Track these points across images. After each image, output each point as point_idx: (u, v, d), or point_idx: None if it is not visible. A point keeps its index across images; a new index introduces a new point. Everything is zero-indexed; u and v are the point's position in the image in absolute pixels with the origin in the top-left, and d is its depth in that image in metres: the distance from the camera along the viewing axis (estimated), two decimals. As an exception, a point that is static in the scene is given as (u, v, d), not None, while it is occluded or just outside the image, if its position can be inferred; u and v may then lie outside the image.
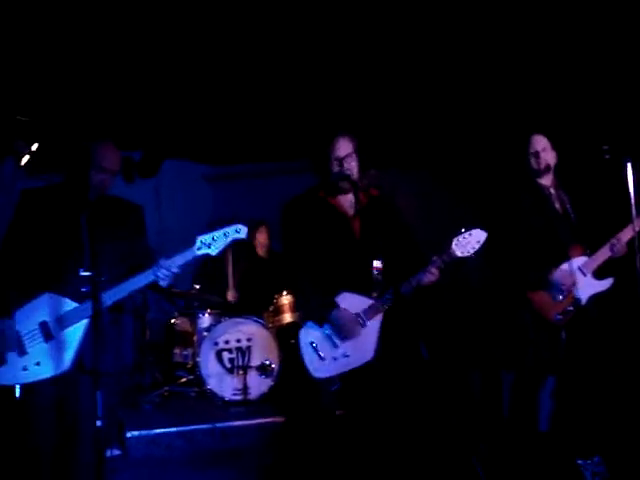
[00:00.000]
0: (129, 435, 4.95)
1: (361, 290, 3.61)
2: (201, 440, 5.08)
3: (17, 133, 5.19)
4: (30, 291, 3.24)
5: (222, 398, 5.65)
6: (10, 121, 5.12)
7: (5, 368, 3.14)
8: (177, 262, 3.34)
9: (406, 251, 3.76)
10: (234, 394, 5.65)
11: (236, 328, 5.83)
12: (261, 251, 6.79)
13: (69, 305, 3.25)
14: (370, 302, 3.60)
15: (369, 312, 3.60)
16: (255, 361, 5.74)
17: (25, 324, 3.20)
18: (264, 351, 5.74)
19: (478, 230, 3.58)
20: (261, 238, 6.70)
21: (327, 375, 3.55)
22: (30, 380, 3.18)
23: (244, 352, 5.75)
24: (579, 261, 4.06)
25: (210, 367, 5.73)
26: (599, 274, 4.05)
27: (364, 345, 3.58)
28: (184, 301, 6.42)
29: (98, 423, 2.76)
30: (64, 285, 3.28)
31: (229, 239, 3.36)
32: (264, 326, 5.87)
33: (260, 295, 6.33)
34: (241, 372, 5.62)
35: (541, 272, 4.03)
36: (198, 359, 5.77)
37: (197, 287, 6.22)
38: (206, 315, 6.15)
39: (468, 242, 3.56)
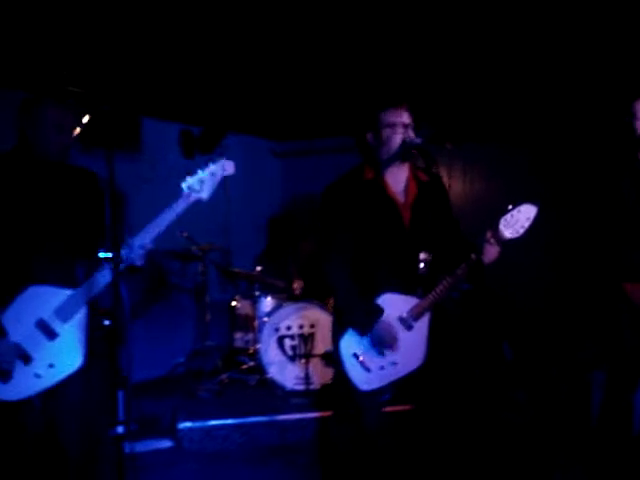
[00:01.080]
0: (181, 426, 4.67)
1: (405, 286, 3.18)
2: (258, 433, 4.79)
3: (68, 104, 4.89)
4: (7, 288, 2.85)
5: (283, 388, 5.31)
6: (61, 92, 4.82)
7: (14, 382, 2.80)
8: (139, 239, 2.92)
9: (455, 242, 3.31)
10: (296, 384, 5.30)
11: (299, 313, 5.46)
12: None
13: (61, 293, 2.87)
14: (415, 301, 3.17)
15: (415, 312, 3.17)
16: (318, 349, 5.37)
17: (18, 329, 2.82)
18: (328, 339, 5.31)
19: (527, 205, 3.06)
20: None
21: (375, 387, 3.17)
22: (47, 385, 2.84)
23: (307, 339, 5.38)
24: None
25: (271, 354, 5.39)
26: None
27: (413, 350, 3.18)
28: (246, 283, 6.08)
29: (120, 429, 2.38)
30: (45, 271, 2.90)
31: (218, 178, 2.99)
32: (329, 312, 5.45)
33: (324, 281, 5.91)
34: (303, 360, 5.23)
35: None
36: (258, 345, 5.43)
37: (259, 269, 5.87)
38: (268, 299, 5.80)
39: (517, 220, 3.06)
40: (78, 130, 5.10)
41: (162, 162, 6.28)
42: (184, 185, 2.93)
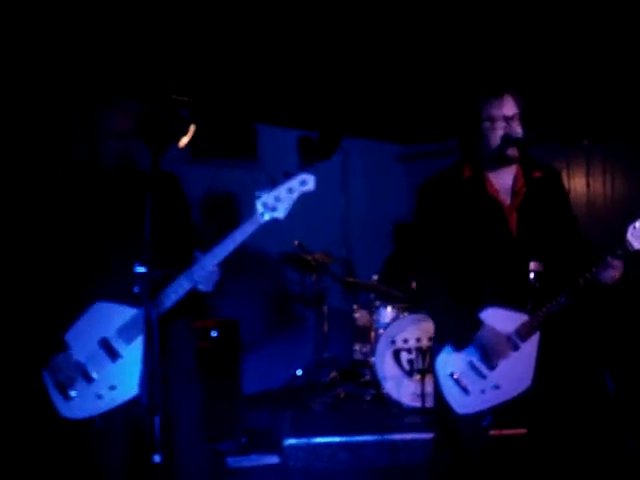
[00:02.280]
0: (287, 443, 4.48)
1: (513, 301, 2.77)
2: (368, 453, 4.51)
3: (175, 114, 4.88)
4: (75, 303, 2.75)
5: (399, 404, 5.00)
6: (167, 101, 4.82)
7: (76, 401, 2.71)
8: (211, 259, 2.66)
9: (573, 249, 2.86)
10: (412, 400, 4.97)
11: (417, 325, 5.13)
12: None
13: (127, 312, 2.71)
14: (524, 318, 2.76)
15: (523, 331, 2.76)
16: (437, 364, 4.98)
17: (82, 348, 2.71)
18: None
19: None
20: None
21: (474, 411, 2.78)
22: (110, 407, 2.70)
23: (424, 353, 5.02)
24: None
25: (386, 368, 5.11)
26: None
27: (518, 372, 2.76)
28: (365, 293, 5.83)
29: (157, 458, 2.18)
30: (112, 287, 2.75)
31: (295, 195, 2.66)
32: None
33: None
34: (419, 376, 4.89)
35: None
36: (373, 358, 5.15)
37: (375, 278, 5.61)
38: (388, 309, 5.51)
39: None
40: (187, 138, 5.14)
41: (279, 170, 6.15)
42: (258, 203, 2.66)
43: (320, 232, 6.29)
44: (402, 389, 5.04)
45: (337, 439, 4.51)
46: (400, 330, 5.14)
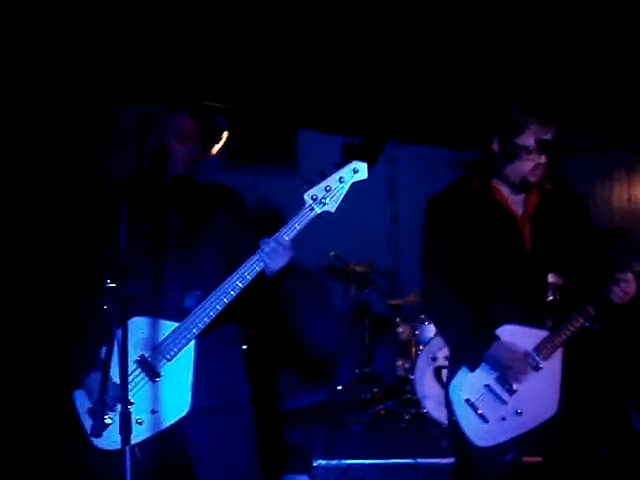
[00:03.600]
0: (316, 463, 4.27)
1: (530, 316, 2.51)
2: (400, 477, 4.25)
3: (207, 120, 4.77)
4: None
5: (440, 424, 4.72)
6: (199, 107, 4.72)
7: (112, 428, 2.36)
8: (286, 233, 2.45)
9: (593, 261, 2.60)
10: (453, 421, 4.66)
11: (459, 341, 4.83)
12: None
13: (165, 327, 2.49)
14: (543, 334, 2.49)
15: (543, 349, 2.48)
16: (478, 383, 4.69)
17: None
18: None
19: None
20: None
21: (494, 443, 2.49)
22: (151, 434, 2.44)
23: (466, 371, 4.72)
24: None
25: (427, 387, 4.86)
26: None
27: (542, 396, 2.47)
28: (408, 306, 5.58)
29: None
30: (152, 301, 2.56)
31: (347, 185, 2.46)
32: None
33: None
34: (459, 396, 4.60)
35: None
36: (413, 376, 4.90)
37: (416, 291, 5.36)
38: (431, 324, 5.23)
39: None
40: (220, 145, 5.02)
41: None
42: (306, 196, 2.46)
43: (365, 242, 6.09)
44: (442, 409, 4.72)
45: (369, 461, 4.28)
46: (442, 346, 4.85)
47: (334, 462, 4.28)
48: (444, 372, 4.82)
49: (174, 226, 2.67)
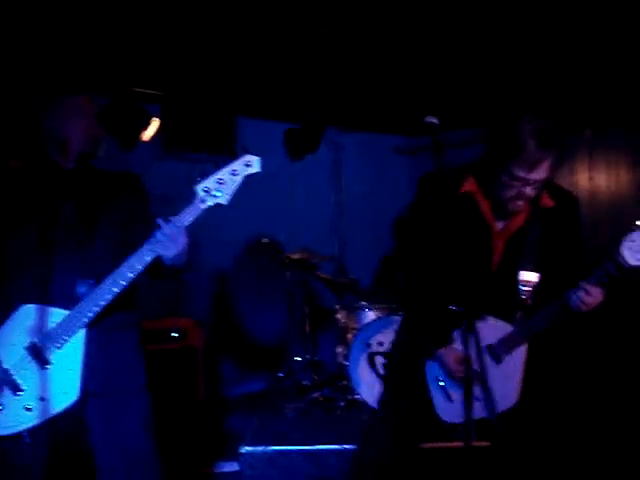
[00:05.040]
0: (243, 450, 4.27)
1: (500, 310, 2.60)
2: (328, 464, 4.24)
3: (135, 107, 4.71)
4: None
5: (373, 410, 4.71)
6: (130, 94, 4.66)
7: (2, 414, 2.45)
8: (180, 224, 2.45)
9: (569, 264, 2.63)
10: (385, 407, 4.67)
11: (393, 327, 4.81)
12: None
13: (56, 315, 2.49)
14: (508, 329, 2.57)
15: (507, 343, 2.58)
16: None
17: (8, 353, 2.47)
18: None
19: None
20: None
21: (457, 421, 2.59)
22: (39, 421, 2.45)
23: (399, 357, 4.73)
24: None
25: (361, 373, 4.84)
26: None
27: (503, 387, 2.55)
28: (351, 293, 5.57)
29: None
30: (43, 289, 2.54)
31: (240, 178, 2.48)
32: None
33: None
34: (392, 382, 4.62)
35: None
36: (347, 362, 4.90)
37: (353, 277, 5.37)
38: (370, 311, 5.22)
39: None
40: (150, 132, 4.97)
41: (262, 164, 5.96)
42: (198, 188, 2.46)
43: (309, 228, 6.07)
44: (375, 395, 4.75)
45: (296, 447, 4.27)
46: (375, 332, 4.86)
47: (260, 449, 4.28)
48: (377, 359, 4.84)
49: (69, 213, 2.64)
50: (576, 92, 5.46)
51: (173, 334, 4.58)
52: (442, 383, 2.63)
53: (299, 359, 5.63)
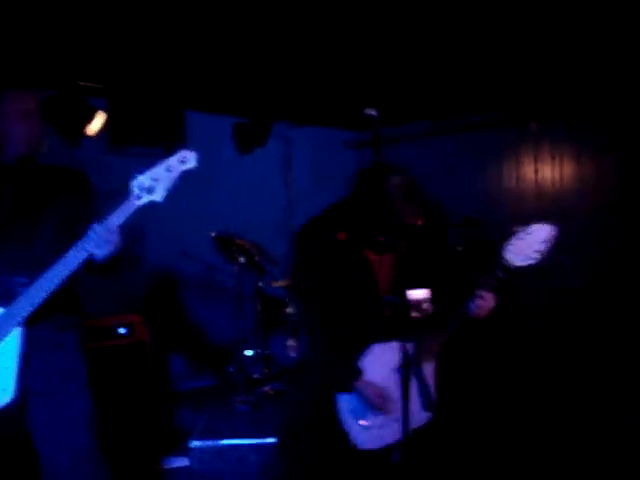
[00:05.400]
0: (192, 445, 4.27)
1: (397, 332, 2.62)
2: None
3: (80, 101, 4.65)
4: None
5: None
6: (74, 87, 4.59)
7: None
8: (112, 223, 2.44)
9: (453, 278, 2.81)
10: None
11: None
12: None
13: None
14: (409, 347, 2.58)
15: (415, 361, 2.66)
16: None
17: None
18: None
19: (540, 225, 2.52)
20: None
21: (377, 446, 2.67)
22: None
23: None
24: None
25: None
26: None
27: (417, 402, 2.63)
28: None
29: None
30: None
31: (175, 174, 2.44)
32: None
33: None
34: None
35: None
36: (293, 354, 4.94)
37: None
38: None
39: (528, 244, 2.51)
40: (95, 127, 4.91)
41: (210, 159, 5.95)
42: (133, 185, 2.44)
43: (260, 224, 6.07)
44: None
45: (245, 441, 4.29)
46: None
47: (210, 443, 4.29)
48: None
49: (6, 209, 2.61)
50: (521, 85, 5.56)
51: (120, 330, 4.54)
52: (355, 412, 2.66)
53: (250, 353, 5.62)
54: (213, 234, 5.16)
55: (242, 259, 5.23)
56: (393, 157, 6.90)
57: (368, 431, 2.67)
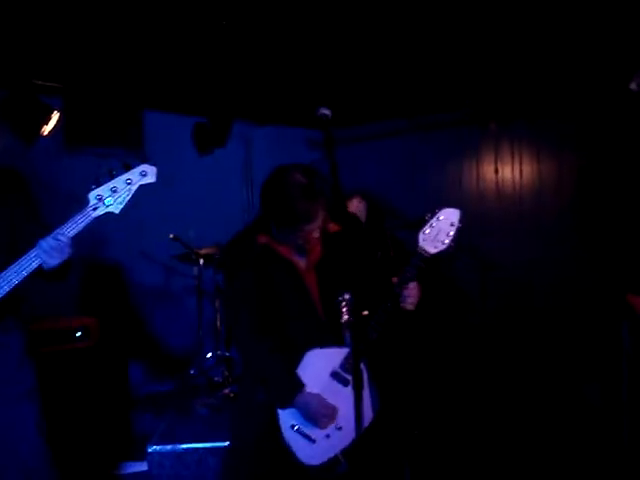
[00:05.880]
0: (151, 450, 4.20)
1: (329, 337, 2.61)
2: (236, 459, 4.20)
3: (34, 100, 4.55)
4: None
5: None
6: (27, 86, 4.49)
7: None
8: (65, 233, 2.42)
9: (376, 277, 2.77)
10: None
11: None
12: (355, 228, 5.64)
13: None
14: (345, 351, 2.58)
15: (347, 364, 2.59)
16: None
17: None
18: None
19: (447, 210, 2.53)
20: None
21: (324, 459, 2.59)
22: None
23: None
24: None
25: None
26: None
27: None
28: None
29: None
30: None
31: (134, 187, 2.47)
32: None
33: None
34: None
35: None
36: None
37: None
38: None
39: (439, 230, 2.52)
40: (50, 127, 4.81)
41: (168, 159, 5.88)
42: (91, 195, 2.45)
43: (221, 224, 5.99)
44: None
45: (204, 445, 4.23)
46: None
47: (169, 447, 4.22)
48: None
49: None
50: (481, 84, 5.58)
51: (77, 334, 4.46)
52: (297, 427, 2.58)
53: (210, 355, 5.57)
54: (171, 236, 5.09)
55: (201, 261, 5.17)
56: (353, 156, 6.94)
57: (314, 445, 2.60)
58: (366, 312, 2.58)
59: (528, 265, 5.77)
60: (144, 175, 2.48)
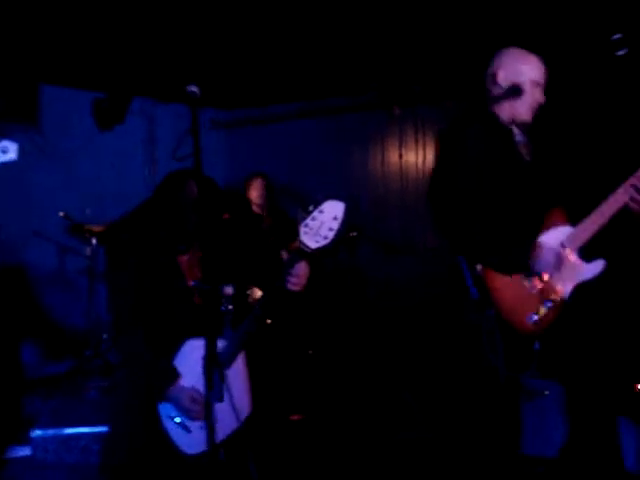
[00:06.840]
0: (34, 434, 4.11)
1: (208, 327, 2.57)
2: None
3: None
4: None
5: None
6: None
7: None
8: None
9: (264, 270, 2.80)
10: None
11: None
12: (258, 210, 5.61)
13: None
14: (223, 343, 2.55)
15: (225, 358, 2.55)
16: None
17: None
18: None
19: (331, 202, 2.37)
20: (253, 195, 5.53)
21: (202, 449, 2.50)
22: None
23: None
24: (560, 232, 2.65)
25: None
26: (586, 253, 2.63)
27: (235, 398, 2.54)
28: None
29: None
30: None
31: None
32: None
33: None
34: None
35: (511, 249, 2.64)
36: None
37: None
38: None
39: (321, 224, 2.37)
40: None
41: (65, 135, 5.71)
42: None
43: (122, 203, 5.87)
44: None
45: (90, 429, 4.17)
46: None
47: (52, 431, 4.14)
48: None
49: None
50: (385, 68, 5.60)
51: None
52: (178, 419, 2.56)
53: (106, 337, 5.47)
54: (61, 214, 4.95)
55: (94, 240, 5.05)
56: (257, 138, 6.86)
57: (190, 434, 2.57)
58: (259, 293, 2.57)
59: (431, 251, 5.84)
60: (4, 152, 2.33)
